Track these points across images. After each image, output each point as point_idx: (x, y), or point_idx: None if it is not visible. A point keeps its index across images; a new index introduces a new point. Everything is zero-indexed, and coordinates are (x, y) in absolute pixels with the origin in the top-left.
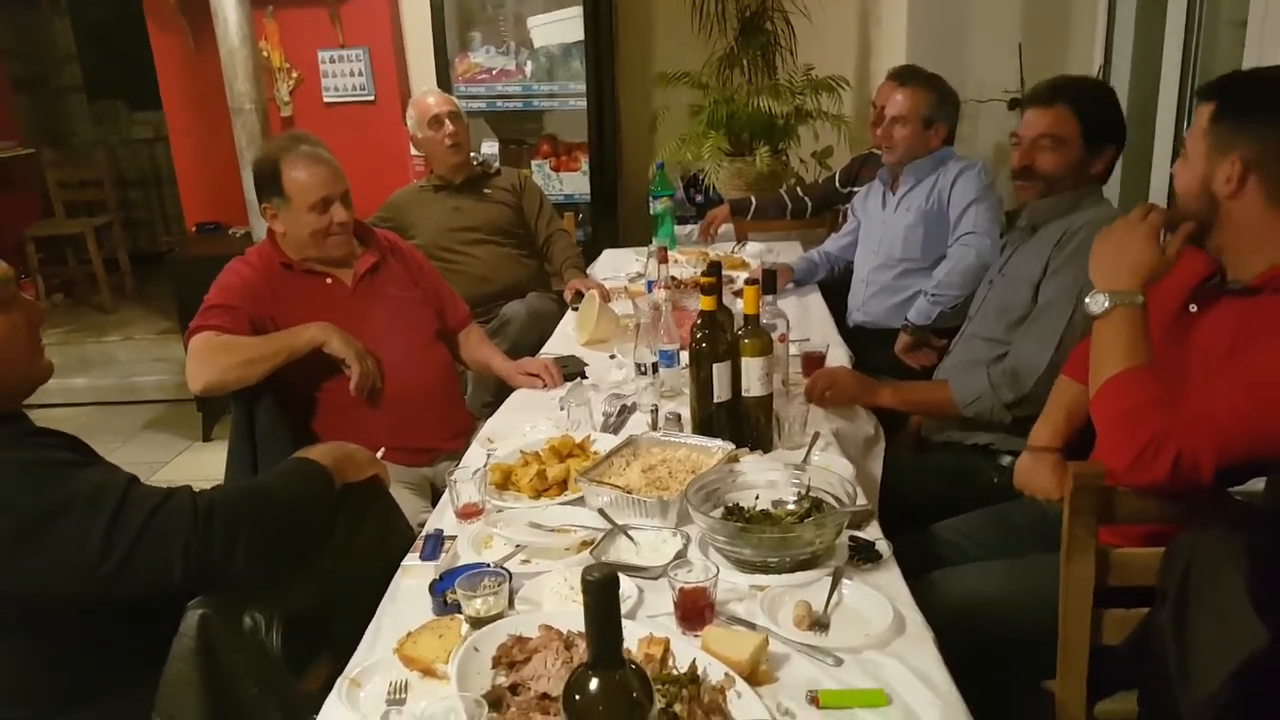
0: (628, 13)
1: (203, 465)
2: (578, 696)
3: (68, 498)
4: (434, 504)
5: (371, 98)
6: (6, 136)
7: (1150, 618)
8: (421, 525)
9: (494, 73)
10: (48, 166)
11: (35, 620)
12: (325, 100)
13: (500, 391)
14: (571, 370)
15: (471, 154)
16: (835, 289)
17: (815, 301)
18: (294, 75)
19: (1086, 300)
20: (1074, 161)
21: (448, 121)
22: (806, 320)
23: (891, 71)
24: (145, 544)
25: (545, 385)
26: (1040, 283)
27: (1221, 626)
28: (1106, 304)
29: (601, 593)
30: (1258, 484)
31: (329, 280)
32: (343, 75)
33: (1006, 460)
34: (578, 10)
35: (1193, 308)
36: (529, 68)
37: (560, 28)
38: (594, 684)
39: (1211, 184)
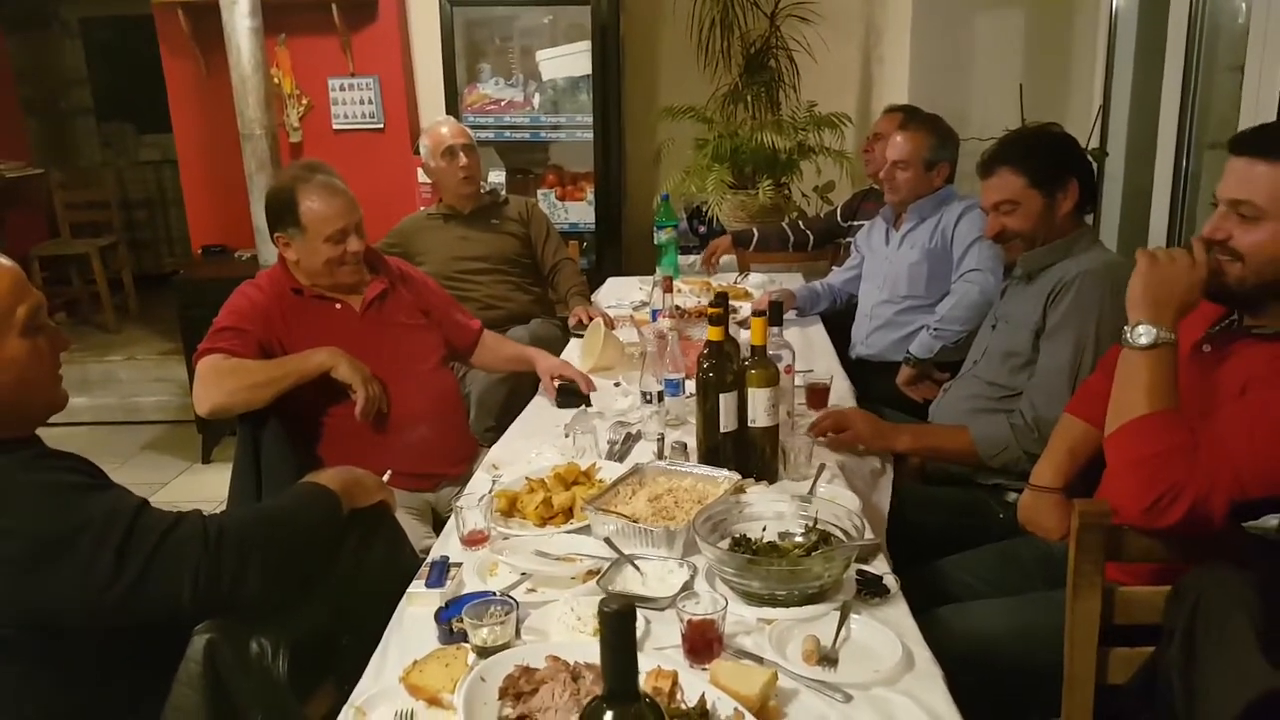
0: (635, 48)
1: (201, 487)
2: None
3: (81, 522)
4: (435, 530)
5: (380, 125)
6: (16, 157)
7: (1157, 656)
8: (424, 551)
9: (502, 104)
10: (55, 187)
11: (41, 644)
12: (335, 127)
13: (503, 416)
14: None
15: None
16: (837, 321)
17: (818, 333)
18: (304, 102)
19: (1125, 330)
20: (1038, 211)
21: (462, 154)
22: (810, 352)
23: (890, 108)
24: (156, 568)
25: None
26: (1040, 332)
27: (1229, 665)
28: (1153, 337)
29: (619, 624)
30: (1272, 519)
31: (338, 306)
32: (352, 103)
33: (1011, 497)
34: (586, 45)
35: (1206, 348)
36: (537, 100)
37: (568, 61)
38: (609, 717)
39: None
